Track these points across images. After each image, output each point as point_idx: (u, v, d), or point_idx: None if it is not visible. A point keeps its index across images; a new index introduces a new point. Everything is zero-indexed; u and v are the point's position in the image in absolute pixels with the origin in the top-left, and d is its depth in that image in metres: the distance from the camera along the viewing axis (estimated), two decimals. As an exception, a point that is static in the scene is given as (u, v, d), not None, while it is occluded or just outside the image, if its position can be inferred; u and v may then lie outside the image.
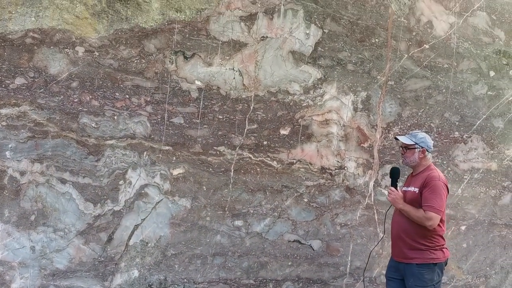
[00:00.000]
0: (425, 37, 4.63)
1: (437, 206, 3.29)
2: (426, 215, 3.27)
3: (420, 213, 3.30)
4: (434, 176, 3.39)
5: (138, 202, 3.81)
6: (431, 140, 3.55)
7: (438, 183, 3.36)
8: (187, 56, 3.94)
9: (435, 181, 3.36)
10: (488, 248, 4.88)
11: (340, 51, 4.37)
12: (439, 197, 3.32)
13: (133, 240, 3.80)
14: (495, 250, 4.91)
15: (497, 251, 4.92)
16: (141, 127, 3.82)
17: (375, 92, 4.48)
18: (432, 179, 3.37)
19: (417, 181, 3.46)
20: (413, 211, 3.33)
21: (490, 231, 4.89)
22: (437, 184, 3.35)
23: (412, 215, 3.33)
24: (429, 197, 3.32)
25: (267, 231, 4.16)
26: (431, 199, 3.30)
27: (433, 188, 3.33)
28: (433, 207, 3.28)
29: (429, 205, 3.29)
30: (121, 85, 3.77)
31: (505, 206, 4.94)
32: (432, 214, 3.27)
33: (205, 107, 3.98)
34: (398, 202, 3.42)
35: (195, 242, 3.96)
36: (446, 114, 4.71)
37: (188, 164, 3.93)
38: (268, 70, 4.15)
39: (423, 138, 3.51)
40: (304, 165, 4.26)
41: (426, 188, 3.35)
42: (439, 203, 3.31)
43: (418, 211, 3.31)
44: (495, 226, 4.90)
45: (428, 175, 3.41)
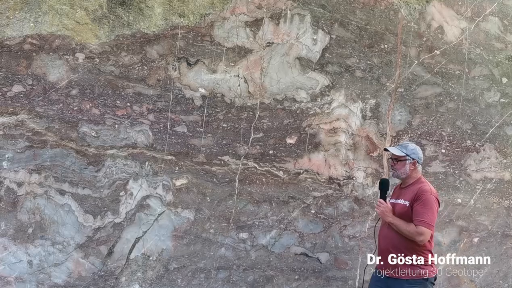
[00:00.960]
0: (436, 42, 4.49)
1: (429, 221, 3.15)
2: (417, 229, 3.13)
3: (411, 227, 3.15)
4: (426, 190, 3.25)
5: (140, 214, 3.67)
6: (421, 152, 3.45)
7: (430, 196, 3.22)
8: (191, 63, 3.81)
9: (427, 194, 3.22)
10: (501, 260, 4.71)
11: (348, 57, 4.23)
12: (431, 211, 3.19)
13: (134, 253, 3.65)
14: (508, 263, 4.74)
15: (510, 264, 4.75)
16: (143, 136, 3.69)
17: (384, 100, 4.34)
18: (423, 192, 3.23)
19: (407, 194, 3.32)
20: (404, 225, 3.18)
21: (503, 243, 4.72)
22: (429, 198, 3.21)
23: (402, 229, 3.18)
24: (420, 211, 3.17)
25: (273, 244, 4.01)
26: (422, 214, 3.16)
27: (424, 202, 3.19)
28: (424, 222, 3.14)
29: (421, 220, 3.15)
30: (122, 93, 3.64)
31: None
32: (423, 229, 3.13)
33: (209, 115, 3.84)
34: (387, 215, 3.27)
35: (199, 255, 3.81)
36: (458, 122, 4.56)
37: (192, 174, 3.79)
38: (274, 77, 4.01)
39: (414, 150, 3.38)
40: (311, 175, 4.12)
41: (417, 201, 3.21)
42: (430, 218, 3.17)
43: (409, 226, 3.17)
44: (509, 237, 4.73)
45: (420, 188, 3.27)
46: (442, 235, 4.47)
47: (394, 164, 3.39)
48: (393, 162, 3.41)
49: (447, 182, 4.49)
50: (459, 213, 4.53)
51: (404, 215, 3.23)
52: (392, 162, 3.42)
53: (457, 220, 4.52)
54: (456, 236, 4.52)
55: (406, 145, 3.39)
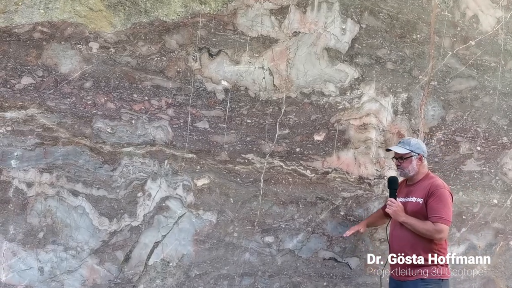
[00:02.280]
0: (470, 32, 4.21)
1: (446, 217, 3.05)
2: (436, 227, 3.01)
3: (429, 225, 3.03)
4: (439, 185, 3.15)
5: (159, 216, 3.41)
6: (424, 145, 3.35)
7: (444, 191, 3.12)
8: (213, 53, 3.54)
9: (441, 189, 3.12)
10: (540, 265, 4.43)
11: (378, 48, 3.95)
12: (447, 206, 3.08)
13: (152, 259, 3.40)
14: (546, 267, 4.46)
15: (549, 268, 4.46)
16: (161, 132, 3.42)
17: (417, 94, 4.06)
18: (437, 187, 3.13)
19: (418, 190, 3.21)
20: (420, 224, 3.06)
21: (542, 246, 4.44)
22: (444, 192, 3.11)
23: (419, 228, 3.06)
24: (436, 207, 3.06)
25: (300, 248, 3.74)
26: (439, 209, 3.05)
27: (440, 197, 3.09)
28: (442, 218, 3.03)
29: (438, 216, 3.04)
30: (139, 86, 3.38)
31: (557, 219, 4.49)
32: (442, 226, 3.01)
33: (232, 110, 3.57)
34: (400, 215, 3.15)
35: (222, 261, 3.54)
36: (494, 117, 4.28)
37: (214, 174, 3.52)
38: (301, 69, 3.74)
39: (417, 144, 3.30)
40: (341, 174, 3.85)
41: (432, 197, 3.10)
42: (447, 213, 3.07)
43: (426, 223, 3.05)
44: (547, 240, 4.45)
45: (432, 183, 3.17)
46: (478, 238, 4.21)
47: (399, 163, 3.29)
48: (398, 162, 3.30)
49: (482, 182, 4.23)
50: (495, 215, 4.26)
51: (417, 213, 3.12)
52: (397, 161, 3.32)
53: (493, 222, 4.26)
54: (492, 239, 4.26)
55: (408, 141, 3.30)
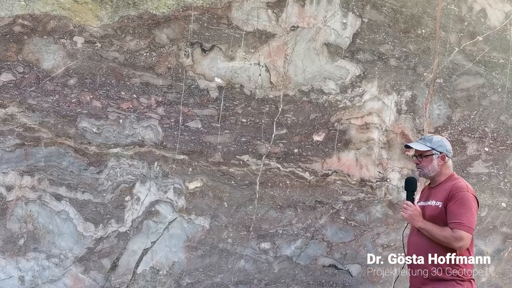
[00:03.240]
0: (478, 27, 4.00)
1: (467, 223, 2.68)
2: (454, 234, 2.67)
3: (447, 232, 2.69)
4: (461, 186, 2.79)
5: (148, 221, 3.24)
6: (449, 144, 2.98)
7: (467, 194, 2.76)
8: (205, 49, 3.35)
9: (463, 192, 2.75)
10: (550, 271, 4.23)
11: (381, 43, 3.75)
12: (469, 211, 2.71)
13: (141, 267, 3.22)
14: (557, 274, 4.26)
15: (560, 275, 4.26)
16: (151, 132, 3.23)
17: (421, 92, 3.86)
18: (459, 189, 2.77)
19: (439, 193, 2.85)
20: (437, 230, 2.73)
21: (552, 252, 4.24)
22: (466, 195, 2.75)
23: (436, 234, 2.72)
24: (457, 212, 2.71)
25: (299, 255, 3.55)
26: (459, 215, 2.69)
27: (461, 201, 2.73)
28: (463, 224, 2.67)
29: (458, 222, 2.68)
30: (127, 83, 3.19)
31: None
32: (462, 233, 2.66)
33: (226, 109, 3.38)
34: (416, 220, 2.81)
35: (215, 268, 3.36)
36: (502, 117, 4.07)
37: (207, 176, 3.34)
38: (299, 66, 3.54)
39: (440, 141, 2.93)
40: (341, 176, 3.65)
41: (452, 201, 2.75)
42: (469, 219, 2.69)
43: (444, 230, 2.71)
44: (558, 245, 4.25)
45: (453, 185, 2.81)
46: (485, 243, 4.01)
47: (419, 162, 2.94)
48: (417, 160, 2.95)
49: (490, 184, 4.02)
50: (504, 219, 4.06)
51: (436, 218, 2.78)
52: (416, 159, 2.97)
53: (501, 227, 4.06)
54: (500, 245, 4.06)
55: (430, 138, 2.95)
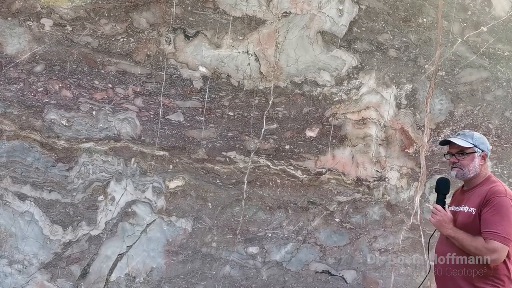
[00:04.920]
0: (482, 17, 3.75)
1: (504, 233, 2.33)
2: (487, 245, 2.33)
3: (479, 242, 2.36)
4: (499, 191, 2.43)
5: (123, 224, 2.97)
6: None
7: (506, 200, 2.40)
8: (189, 35, 3.08)
9: (501, 197, 2.40)
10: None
11: (380, 32, 3.48)
12: (506, 219, 2.36)
13: (115, 274, 2.95)
14: None
15: None
16: (128, 125, 2.95)
17: (422, 85, 3.60)
18: (495, 194, 2.41)
19: (473, 197, 2.51)
20: (468, 240, 2.39)
21: (558, 257, 3.99)
22: (503, 201, 2.39)
23: (467, 245, 2.39)
24: (492, 220, 2.37)
25: (289, 260, 3.28)
26: (495, 223, 2.35)
27: (497, 208, 2.38)
28: (497, 234, 2.33)
29: (493, 232, 2.34)
30: (102, 71, 2.91)
31: None
32: (496, 244, 2.32)
33: (211, 101, 3.10)
34: (446, 226, 2.47)
35: (198, 275, 3.08)
36: (507, 113, 3.82)
37: (189, 175, 3.06)
38: (291, 55, 3.27)
39: (481, 138, 2.57)
40: (336, 175, 3.38)
41: (487, 207, 2.40)
42: (506, 229, 2.34)
43: (476, 240, 2.37)
44: None
45: (490, 189, 2.45)
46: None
47: (458, 160, 2.54)
48: (456, 158, 2.55)
49: (494, 185, 3.76)
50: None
51: (469, 226, 2.44)
52: (454, 158, 2.56)
53: (505, 230, 3.79)
54: (504, 249, 3.79)
55: (471, 134, 2.57)
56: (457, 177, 2.57)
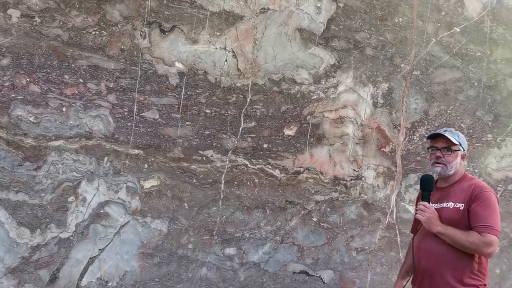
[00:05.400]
0: (455, 18, 3.79)
1: (496, 226, 2.35)
2: (484, 239, 2.30)
3: (474, 236, 2.33)
4: (485, 186, 2.46)
5: (95, 226, 2.80)
6: None
7: (492, 195, 2.43)
8: (165, 30, 2.95)
9: (488, 192, 2.42)
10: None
11: (357, 31, 3.46)
12: (496, 213, 2.38)
13: (87, 278, 2.79)
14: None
15: (533, 277, 4.13)
16: (100, 123, 2.80)
17: (398, 84, 3.60)
18: (483, 189, 2.43)
19: (457, 194, 2.50)
20: (462, 235, 2.35)
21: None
22: (491, 196, 2.42)
23: (461, 240, 2.35)
24: (483, 214, 2.36)
25: (267, 261, 3.21)
26: (486, 217, 2.35)
27: (487, 202, 2.39)
28: (492, 228, 2.32)
29: (488, 226, 2.33)
30: (72, 65, 2.74)
31: (541, 223, 4.15)
32: (492, 238, 2.31)
33: (187, 98, 3.00)
34: (435, 224, 2.41)
35: (173, 278, 2.96)
36: (478, 112, 3.88)
37: (165, 174, 2.94)
38: (269, 52, 3.20)
39: (463, 138, 2.58)
40: (314, 174, 3.34)
41: (476, 202, 2.40)
42: (497, 222, 2.36)
43: (471, 234, 2.34)
44: (531, 247, 4.11)
45: (475, 184, 2.47)
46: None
47: (443, 156, 2.52)
48: (441, 153, 2.52)
49: (466, 183, 3.80)
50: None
51: (457, 221, 2.41)
52: (440, 153, 2.53)
53: (476, 228, 3.84)
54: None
55: (456, 133, 2.56)
56: (439, 174, 2.55)
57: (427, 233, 2.50)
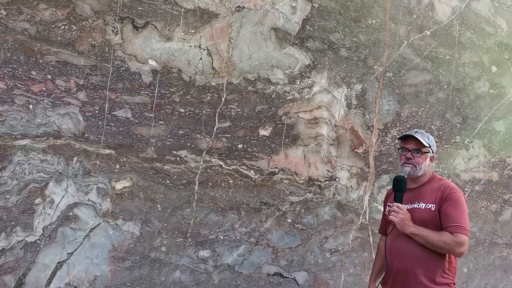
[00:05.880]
0: (426, 21, 3.85)
1: (467, 227, 2.41)
2: (456, 239, 2.35)
3: (447, 237, 2.37)
4: (454, 187, 2.51)
5: (64, 229, 2.68)
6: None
7: (461, 195, 2.49)
8: (138, 26, 2.86)
9: (457, 193, 2.48)
10: (489, 272, 4.18)
11: (332, 32, 3.46)
12: (465, 213, 2.44)
13: (55, 283, 2.67)
14: (495, 274, 4.22)
15: (498, 275, 4.24)
16: (69, 121, 2.69)
17: (371, 85, 3.62)
18: (452, 190, 2.48)
19: (428, 194, 2.53)
20: (435, 236, 2.38)
21: (491, 252, 4.20)
22: (461, 197, 2.48)
23: (434, 240, 2.38)
24: (455, 214, 2.41)
25: (241, 263, 3.16)
26: (458, 217, 2.40)
27: (457, 203, 2.44)
28: (463, 228, 2.38)
29: (459, 226, 2.38)
30: (40, 61, 2.62)
31: (506, 223, 4.27)
32: (464, 238, 2.37)
33: (161, 97, 2.91)
34: (408, 225, 2.42)
35: (146, 282, 2.87)
36: (448, 114, 3.96)
37: (137, 175, 2.84)
38: (244, 51, 3.16)
39: (433, 141, 2.64)
40: (288, 175, 3.31)
41: (447, 202, 2.44)
42: (467, 222, 2.42)
43: (443, 235, 2.38)
44: (496, 246, 4.22)
45: (445, 185, 2.52)
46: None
47: (413, 157, 2.55)
48: (412, 155, 2.55)
49: (436, 184, 3.87)
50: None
51: (428, 222, 2.44)
52: (410, 154, 2.56)
53: (445, 228, 3.92)
54: (445, 246, 3.92)
55: (427, 135, 2.60)
56: (409, 174, 2.56)
57: (399, 234, 2.50)
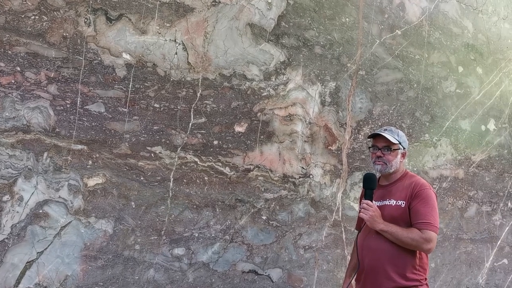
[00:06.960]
0: (397, 21, 3.92)
1: (435, 223, 2.44)
2: (424, 235, 2.38)
3: (415, 233, 2.39)
4: (424, 184, 2.55)
5: (33, 227, 2.57)
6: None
7: (431, 192, 2.53)
8: (112, 18, 2.78)
9: (428, 190, 2.51)
10: (455, 267, 4.31)
11: (306, 29, 3.48)
12: (435, 210, 2.48)
13: (23, 284, 2.56)
14: (461, 269, 4.35)
15: (463, 270, 4.36)
16: (39, 115, 2.58)
17: (345, 83, 3.66)
18: (422, 187, 2.52)
19: (398, 191, 2.57)
20: (404, 232, 2.41)
21: (457, 247, 4.32)
22: (430, 194, 2.51)
23: (403, 237, 2.41)
24: (423, 211, 2.44)
25: (216, 260, 3.12)
26: (426, 214, 2.43)
27: (427, 200, 2.48)
28: (431, 225, 2.41)
29: (427, 222, 2.41)
30: (8, 52, 2.51)
31: (471, 219, 4.41)
32: (432, 234, 2.40)
33: (135, 91, 2.84)
34: (378, 221, 2.46)
35: (119, 281, 2.80)
36: (417, 113, 4.04)
37: (111, 171, 2.77)
38: (220, 46, 3.12)
39: (404, 137, 2.67)
40: (263, 172, 3.30)
41: (417, 199, 2.48)
42: (436, 219, 2.46)
43: (411, 231, 2.40)
44: (462, 241, 4.35)
45: (415, 182, 2.55)
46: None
47: (383, 155, 2.58)
48: (382, 153, 2.59)
49: (406, 181, 3.95)
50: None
51: (398, 218, 2.47)
52: (380, 152, 2.59)
53: (415, 224, 4.00)
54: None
55: (397, 131, 2.64)
56: (380, 172, 2.61)
57: (370, 231, 2.54)
